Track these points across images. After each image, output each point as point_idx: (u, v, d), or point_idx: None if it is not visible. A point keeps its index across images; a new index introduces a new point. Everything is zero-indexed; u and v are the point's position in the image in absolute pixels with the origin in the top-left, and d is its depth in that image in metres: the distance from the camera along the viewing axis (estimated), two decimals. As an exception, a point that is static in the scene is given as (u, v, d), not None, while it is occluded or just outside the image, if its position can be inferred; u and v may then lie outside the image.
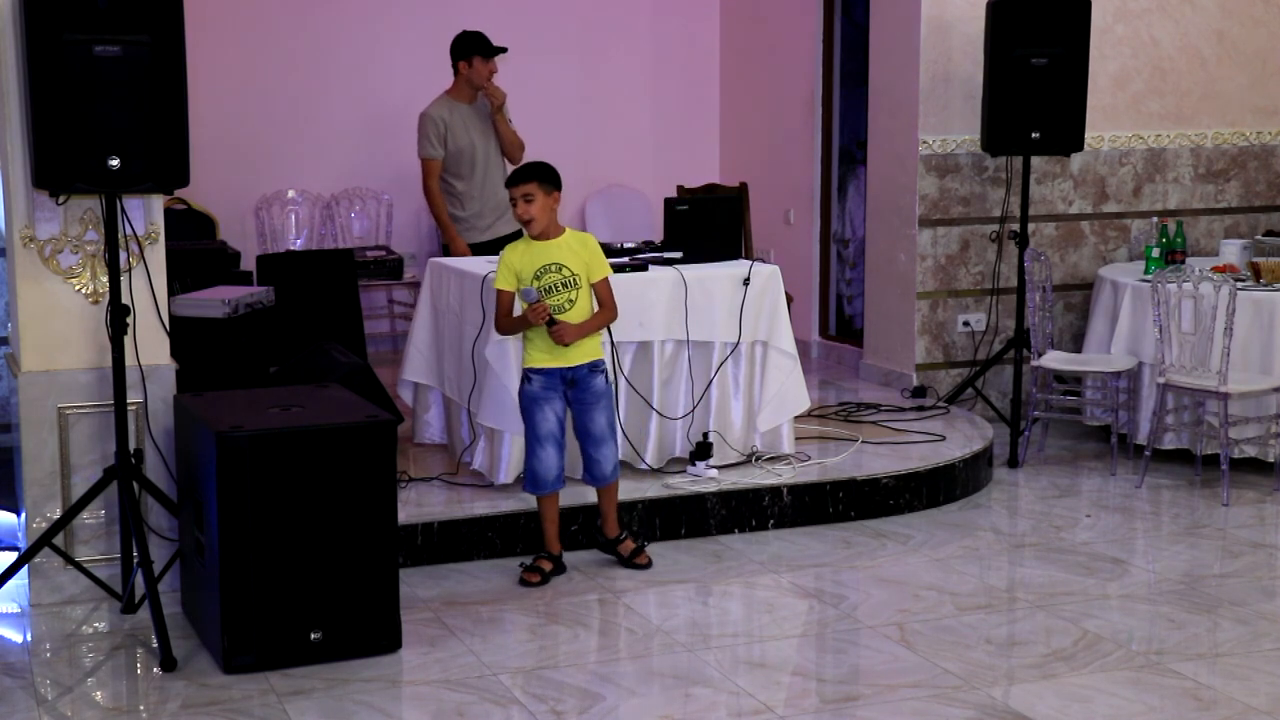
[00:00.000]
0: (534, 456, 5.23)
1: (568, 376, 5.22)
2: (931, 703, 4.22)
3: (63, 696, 4.32)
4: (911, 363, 7.61)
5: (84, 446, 4.98)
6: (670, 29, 9.80)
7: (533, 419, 5.23)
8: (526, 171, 5.21)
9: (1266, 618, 4.93)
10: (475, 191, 7.06)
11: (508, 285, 5.21)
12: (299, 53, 9.00)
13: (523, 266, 5.18)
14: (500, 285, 5.22)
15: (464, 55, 7.04)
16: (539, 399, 5.21)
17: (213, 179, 8.18)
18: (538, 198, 5.14)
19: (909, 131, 7.50)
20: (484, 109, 7.10)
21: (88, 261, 4.97)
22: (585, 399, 5.25)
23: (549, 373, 5.21)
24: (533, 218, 5.15)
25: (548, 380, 5.21)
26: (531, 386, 5.23)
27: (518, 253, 5.22)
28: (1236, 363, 6.42)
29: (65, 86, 4.42)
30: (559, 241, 5.20)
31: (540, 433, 5.22)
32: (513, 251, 5.24)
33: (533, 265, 5.16)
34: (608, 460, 5.31)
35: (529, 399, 5.23)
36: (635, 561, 5.38)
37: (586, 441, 5.31)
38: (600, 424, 5.28)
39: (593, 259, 5.24)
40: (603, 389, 5.29)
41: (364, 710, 4.16)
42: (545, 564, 5.29)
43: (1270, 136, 8.10)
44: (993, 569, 5.50)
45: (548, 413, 5.21)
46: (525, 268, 5.17)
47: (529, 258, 5.19)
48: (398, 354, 7.85)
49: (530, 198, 5.14)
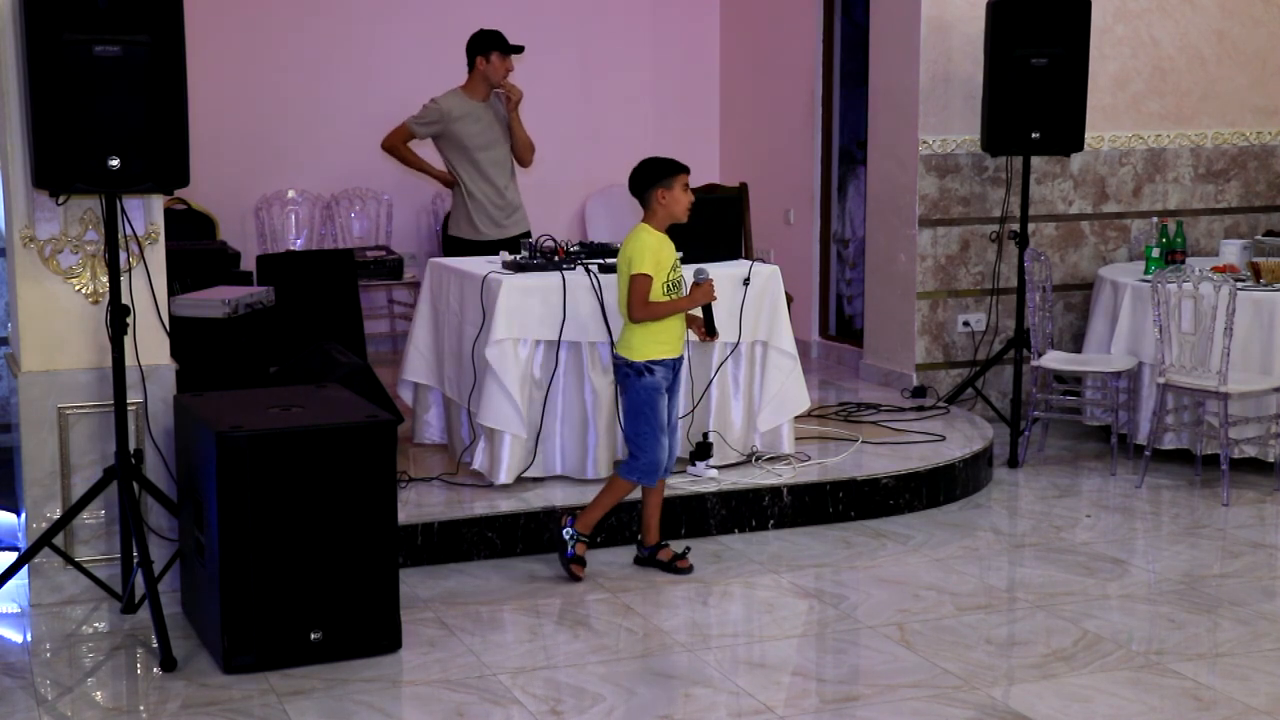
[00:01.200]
0: (659, 445, 5.21)
1: (677, 366, 5.27)
2: (931, 703, 4.22)
3: (63, 696, 4.32)
4: (911, 363, 7.61)
5: (84, 446, 4.98)
6: (670, 29, 9.80)
7: (656, 409, 5.20)
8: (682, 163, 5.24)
9: (1266, 618, 4.93)
10: (484, 188, 7.01)
11: (654, 271, 5.14)
12: (299, 53, 9.01)
13: (662, 257, 5.16)
14: (649, 270, 5.11)
15: (482, 51, 6.96)
16: (660, 389, 5.21)
17: (213, 179, 8.18)
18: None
19: (909, 131, 7.50)
20: (496, 108, 7.04)
21: (88, 261, 4.97)
22: (676, 386, 5.32)
23: (668, 364, 5.22)
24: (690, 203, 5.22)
25: (666, 371, 5.22)
26: (654, 378, 5.20)
27: (657, 241, 5.18)
28: (1236, 363, 6.42)
29: (65, 86, 4.41)
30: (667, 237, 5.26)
31: (661, 422, 5.22)
32: (652, 238, 5.17)
33: (670, 258, 5.18)
34: (677, 449, 5.41)
35: (653, 390, 5.19)
36: (678, 566, 5.33)
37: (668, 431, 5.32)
38: (677, 412, 5.38)
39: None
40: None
41: (364, 710, 4.16)
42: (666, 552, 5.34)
43: (1270, 136, 8.10)
44: (993, 569, 5.50)
45: (664, 403, 5.23)
46: (664, 259, 5.16)
47: (667, 249, 5.19)
48: (398, 354, 7.85)
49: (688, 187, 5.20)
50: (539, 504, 5.60)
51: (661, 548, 5.37)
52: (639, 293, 5.14)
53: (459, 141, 6.97)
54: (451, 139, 6.98)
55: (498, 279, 5.72)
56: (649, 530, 5.38)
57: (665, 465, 5.26)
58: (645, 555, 5.40)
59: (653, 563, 5.36)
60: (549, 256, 5.92)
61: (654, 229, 5.21)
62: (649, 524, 5.38)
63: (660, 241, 5.18)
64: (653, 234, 5.20)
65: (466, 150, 6.98)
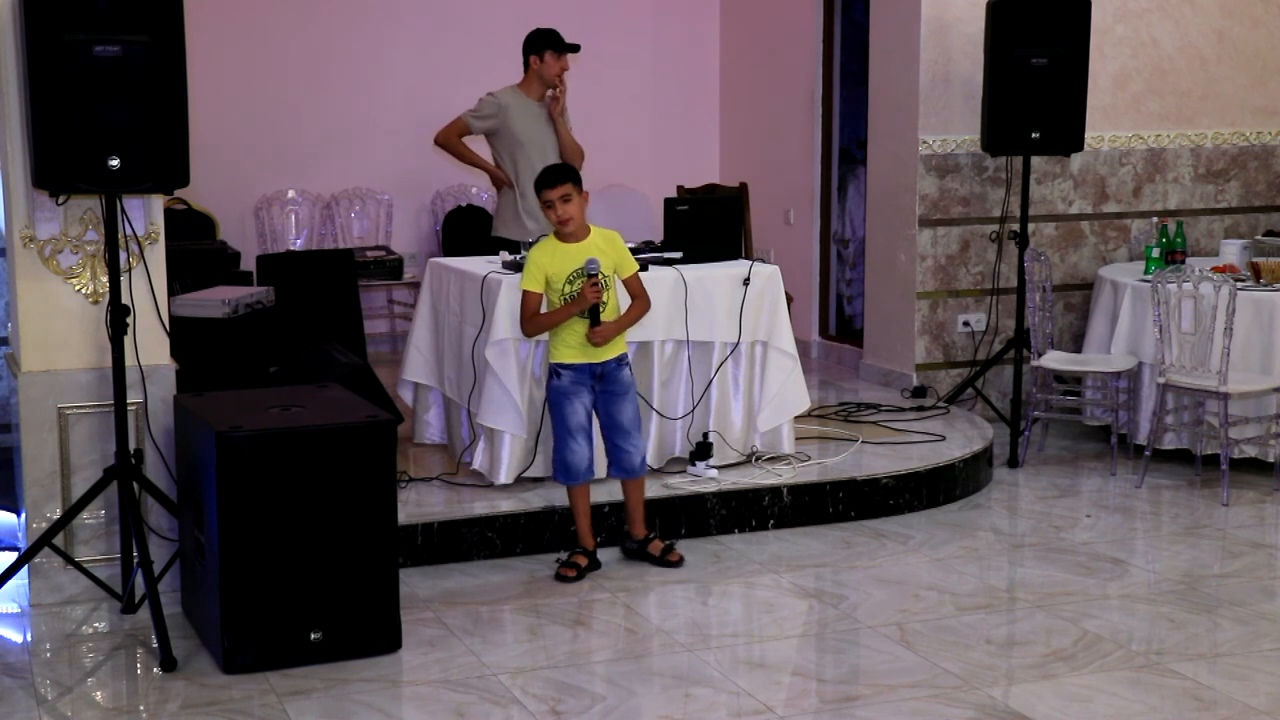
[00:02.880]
0: (565, 448, 5.24)
1: (597, 371, 5.23)
2: (931, 703, 4.22)
3: (63, 696, 4.32)
4: (911, 363, 7.61)
5: (84, 446, 4.98)
6: (670, 29, 9.80)
7: (562, 412, 5.23)
8: (563, 172, 5.20)
9: (1266, 618, 4.93)
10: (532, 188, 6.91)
11: (536, 287, 5.18)
12: (299, 53, 9.01)
13: (554, 269, 5.16)
14: (529, 287, 5.19)
15: (536, 50, 6.83)
16: (568, 393, 5.22)
17: (213, 179, 8.19)
18: (574, 198, 5.16)
19: (909, 131, 7.50)
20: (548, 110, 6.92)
21: (88, 261, 4.97)
22: (614, 390, 5.26)
23: (578, 368, 5.22)
24: (571, 217, 5.14)
25: (577, 375, 5.22)
26: (561, 381, 5.23)
27: (546, 254, 5.18)
28: (1236, 363, 6.42)
29: (65, 86, 4.41)
30: (588, 243, 5.20)
31: (570, 425, 5.22)
32: (541, 252, 5.20)
33: (565, 268, 5.15)
34: (636, 451, 5.31)
35: (558, 393, 5.23)
36: (668, 559, 5.36)
37: (615, 433, 5.30)
38: (628, 414, 5.29)
39: (621, 256, 5.26)
40: (629, 381, 5.32)
41: (364, 710, 4.16)
42: (581, 559, 5.30)
43: (1270, 136, 8.10)
44: (993, 569, 5.50)
45: (577, 405, 5.22)
46: (557, 270, 5.15)
47: (559, 260, 5.17)
48: (398, 354, 7.86)
49: (568, 198, 5.14)
50: (539, 504, 5.61)
51: (650, 540, 5.39)
52: (523, 310, 5.23)
53: (514, 138, 6.85)
54: (506, 135, 6.87)
55: (498, 279, 5.72)
56: (633, 523, 5.41)
57: (581, 468, 5.23)
58: (634, 548, 5.43)
59: (643, 555, 5.39)
60: (549, 256, 5.91)
61: (549, 239, 5.21)
62: (632, 517, 5.41)
63: (551, 254, 5.17)
64: (542, 248, 5.21)
65: (522, 147, 6.86)
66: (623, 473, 5.35)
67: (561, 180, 5.15)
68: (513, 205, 6.92)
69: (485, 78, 7.47)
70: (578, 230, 5.18)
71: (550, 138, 6.91)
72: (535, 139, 6.87)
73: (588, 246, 5.19)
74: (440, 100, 8.48)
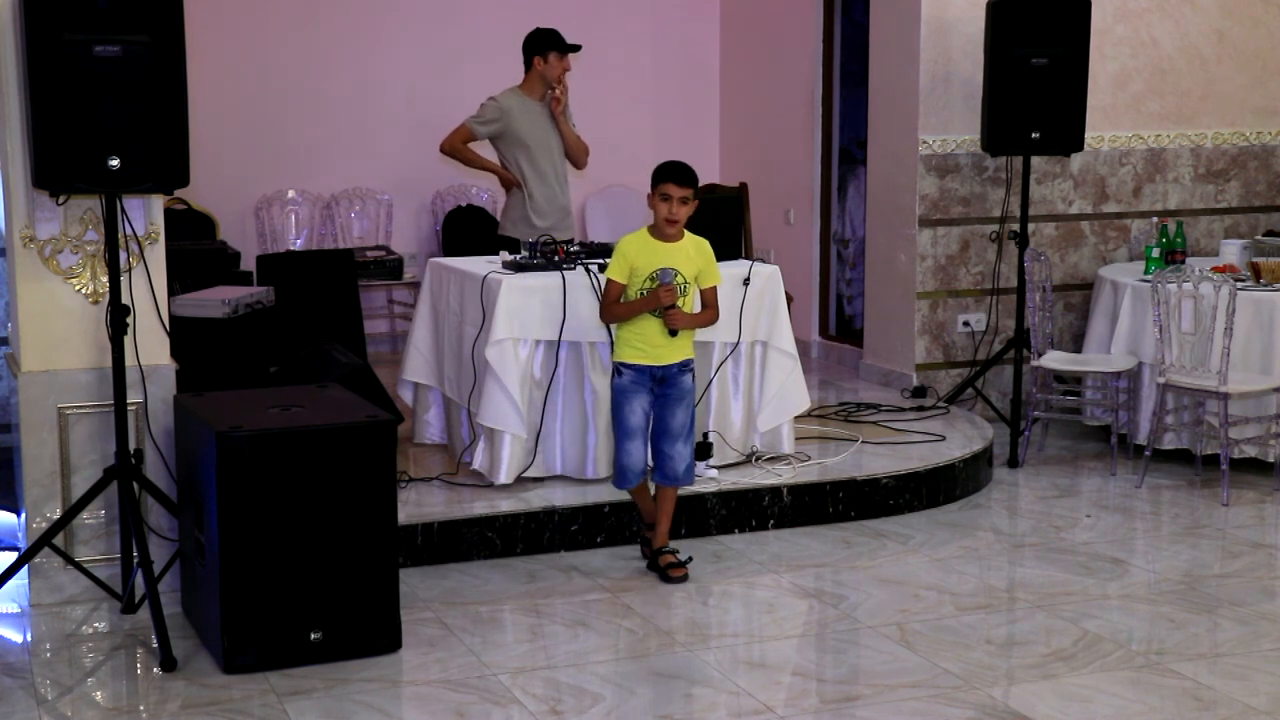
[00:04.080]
0: (622, 450, 5.24)
1: (658, 374, 5.22)
2: (931, 703, 4.22)
3: (63, 696, 4.32)
4: (911, 363, 7.61)
5: (84, 446, 4.98)
6: (670, 29, 9.80)
7: (622, 412, 5.23)
8: (692, 174, 5.20)
9: (1266, 618, 4.93)
10: (542, 189, 6.89)
11: (620, 277, 5.18)
12: (299, 53, 9.01)
13: (640, 263, 5.16)
14: (613, 275, 5.19)
15: (539, 50, 6.84)
16: (629, 392, 5.21)
17: (213, 179, 8.19)
18: (690, 203, 5.18)
19: (909, 131, 7.50)
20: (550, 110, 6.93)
21: (88, 261, 4.97)
22: (672, 395, 5.25)
23: (640, 369, 5.21)
24: (679, 221, 5.17)
25: (638, 375, 5.21)
26: (622, 380, 5.23)
27: (636, 246, 5.19)
28: (1236, 363, 6.42)
29: (65, 86, 4.41)
30: (679, 246, 5.21)
31: (629, 426, 5.22)
32: (631, 244, 5.20)
33: (650, 265, 5.16)
34: (682, 459, 5.28)
35: (619, 391, 5.23)
36: (669, 575, 5.27)
37: (663, 438, 5.27)
38: (681, 420, 5.26)
39: (707, 266, 5.27)
40: (689, 387, 5.29)
41: (364, 710, 4.16)
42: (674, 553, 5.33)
43: (1270, 136, 8.10)
44: (993, 569, 5.50)
45: (636, 407, 5.22)
46: (643, 265, 5.16)
47: (648, 256, 5.17)
48: (398, 354, 7.86)
49: (687, 200, 5.16)
50: (539, 504, 5.61)
51: (664, 552, 5.35)
52: (604, 297, 5.27)
53: (519, 140, 6.85)
54: (511, 138, 6.87)
55: (498, 279, 5.72)
56: (658, 533, 5.36)
57: (636, 470, 5.24)
58: (650, 558, 5.40)
59: (654, 566, 5.36)
60: (549, 256, 5.92)
61: (642, 232, 5.22)
62: (659, 527, 5.36)
63: (641, 247, 5.18)
64: (633, 240, 5.22)
65: (527, 149, 6.86)
66: (666, 479, 5.30)
67: (690, 182, 5.17)
68: (521, 206, 6.93)
69: (485, 77, 7.48)
70: (677, 232, 5.20)
71: (555, 137, 6.91)
72: (540, 139, 6.87)
73: (679, 249, 5.20)
74: (440, 100, 8.49)
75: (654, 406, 5.26)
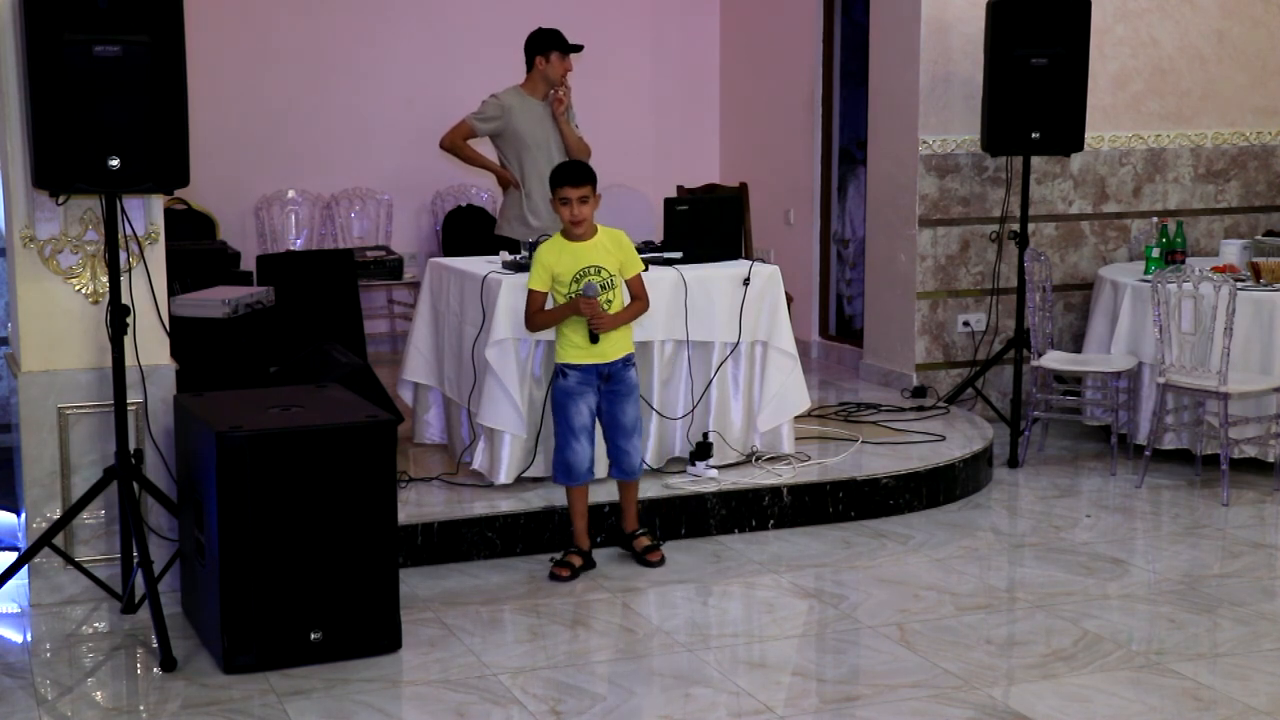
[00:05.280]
0: (568, 449, 5.25)
1: (603, 371, 5.24)
2: (931, 703, 4.22)
3: (63, 696, 4.32)
4: (911, 363, 7.61)
5: (84, 446, 4.98)
6: (670, 29, 9.80)
7: (566, 413, 5.25)
8: (585, 172, 5.21)
9: (1266, 618, 4.93)
10: (539, 188, 6.80)
11: (542, 286, 5.21)
12: (299, 53, 9.00)
13: (560, 268, 5.17)
14: (535, 286, 5.22)
15: (542, 50, 6.84)
16: (574, 393, 5.23)
17: (213, 179, 8.18)
18: (591, 200, 5.18)
19: (909, 131, 7.50)
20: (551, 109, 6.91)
21: (88, 261, 4.97)
22: (619, 391, 5.28)
23: (585, 368, 5.23)
24: (585, 219, 5.17)
25: (583, 375, 5.23)
26: (567, 381, 5.24)
27: (553, 253, 5.20)
28: (1236, 363, 6.41)
29: (65, 86, 4.41)
30: (594, 242, 5.22)
31: (574, 425, 5.24)
32: (548, 251, 5.22)
33: (572, 267, 5.16)
34: (636, 452, 5.34)
35: (563, 393, 5.25)
36: (647, 558, 5.38)
37: (617, 434, 5.31)
38: (631, 416, 5.31)
39: (627, 256, 5.27)
40: (634, 382, 5.33)
41: (364, 710, 4.16)
42: (575, 559, 5.32)
43: (1270, 136, 8.10)
44: (993, 569, 5.50)
45: (581, 406, 5.23)
46: (564, 269, 5.17)
47: (566, 259, 5.18)
48: (398, 354, 7.85)
49: (586, 199, 5.16)
50: (539, 504, 5.61)
51: (637, 535, 5.42)
52: (527, 308, 5.28)
53: (518, 138, 6.85)
54: (511, 136, 6.87)
55: (498, 279, 5.72)
56: (626, 519, 5.47)
57: (582, 469, 5.25)
58: (623, 540, 5.48)
59: (628, 548, 5.44)
60: (549, 256, 5.92)
61: (556, 237, 5.24)
62: (626, 513, 5.46)
63: (558, 253, 5.19)
64: (549, 247, 5.23)
65: (527, 148, 6.86)
66: (622, 474, 5.37)
67: (584, 180, 5.17)
68: (518, 205, 6.92)
69: (486, 77, 7.48)
70: (587, 230, 5.20)
71: (555, 137, 6.91)
72: (540, 139, 6.87)
73: (595, 245, 5.20)
74: (440, 100, 8.48)
75: (605, 405, 5.29)
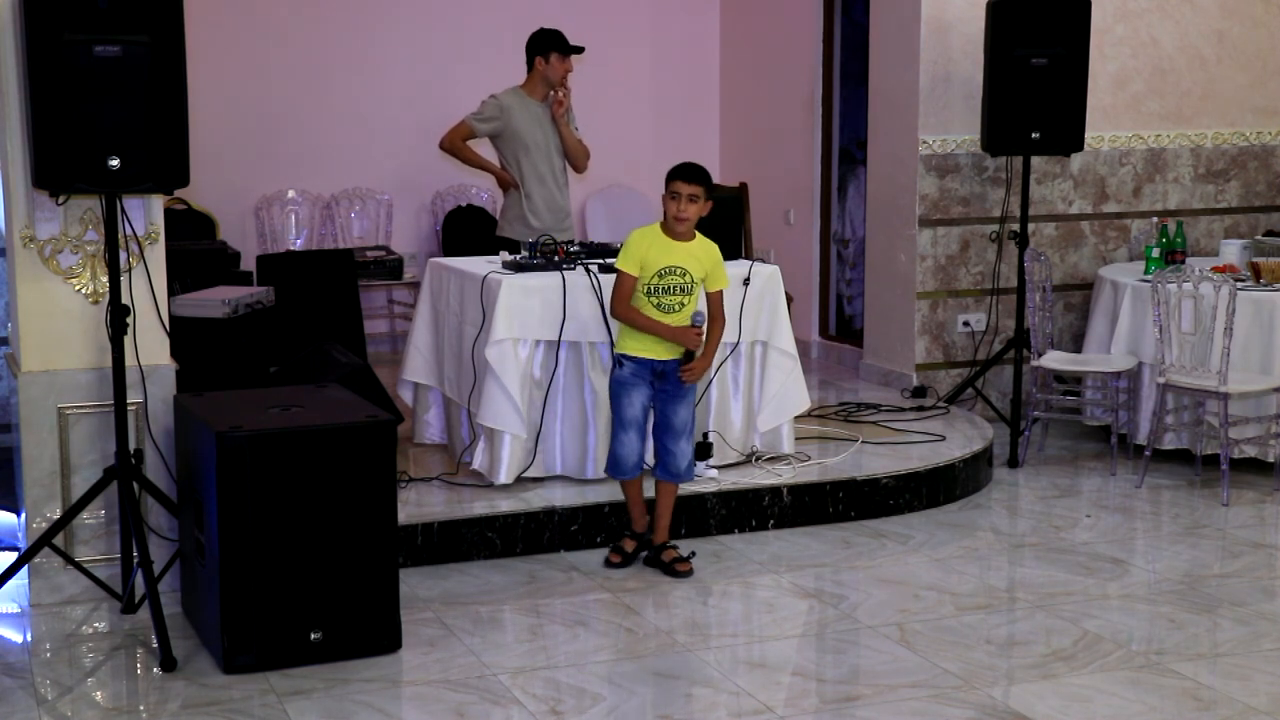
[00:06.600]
0: (618, 441, 5.26)
1: (658, 368, 5.23)
2: (931, 703, 4.22)
3: (63, 696, 4.32)
4: (911, 363, 7.61)
5: (84, 446, 4.98)
6: (670, 29, 9.80)
7: (620, 403, 5.25)
8: (702, 173, 5.20)
9: (1266, 618, 4.93)
10: (540, 190, 6.86)
11: (633, 270, 5.17)
12: (299, 53, 9.01)
13: (648, 258, 5.16)
14: (626, 268, 5.18)
15: (542, 51, 6.83)
16: (629, 384, 5.23)
17: (213, 179, 8.19)
18: (699, 202, 5.17)
19: (909, 131, 7.50)
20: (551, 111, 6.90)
21: (88, 261, 4.97)
22: (673, 391, 5.26)
23: (640, 361, 5.22)
24: (689, 219, 5.17)
25: (639, 368, 5.22)
26: (623, 371, 5.24)
27: (647, 241, 5.19)
28: (1236, 363, 6.42)
29: (65, 86, 4.41)
30: (689, 246, 5.22)
31: (625, 417, 5.23)
32: (642, 238, 5.20)
33: (658, 261, 5.16)
34: (684, 455, 5.30)
35: (619, 383, 5.25)
36: (675, 569, 5.30)
37: (666, 434, 5.29)
38: (682, 417, 5.28)
39: (714, 269, 5.27)
40: (691, 384, 5.30)
41: (364, 710, 4.16)
42: (629, 543, 5.37)
43: (1270, 136, 8.10)
44: (993, 569, 5.50)
45: (635, 399, 5.23)
46: (651, 260, 5.16)
47: (657, 251, 5.17)
48: (398, 354, 7.86)
49: (696, 198, 5.16)
50: (539, 504, 5.61)
51: (666, 548, 5.37)
52: (617, 290, 5.23)
53: (518, 139, 6.84)
54: (510, 137, 6.85)
55: (498, 279, 5.72)
56: (658, 530, 5.40)
57: (630, 463, 5.26)
58: (651, 555, 5.40)
59: (656, 562, 5.37)
60: (549, 256, 5.92)
61: (653, 227, 5.22)
62: (658, 523, 5.39)
63: (651, 242, 5.19)
64: (644, 234, 5.22)
65: (526, 149, 6.85)
66: (666, 475, 5.32)
67: (699, 180, 5.17)
68: (518, 206, 6.91)
69: (486, 78, 7.48)
70: (687, 231, 5.20)
71: (554, 138, 6.90)
72: (539, 140, 6.86)
73: (687, 248, 5.20)
74: (440, 100, 8.49)
75: (656, 402, 5.27)
